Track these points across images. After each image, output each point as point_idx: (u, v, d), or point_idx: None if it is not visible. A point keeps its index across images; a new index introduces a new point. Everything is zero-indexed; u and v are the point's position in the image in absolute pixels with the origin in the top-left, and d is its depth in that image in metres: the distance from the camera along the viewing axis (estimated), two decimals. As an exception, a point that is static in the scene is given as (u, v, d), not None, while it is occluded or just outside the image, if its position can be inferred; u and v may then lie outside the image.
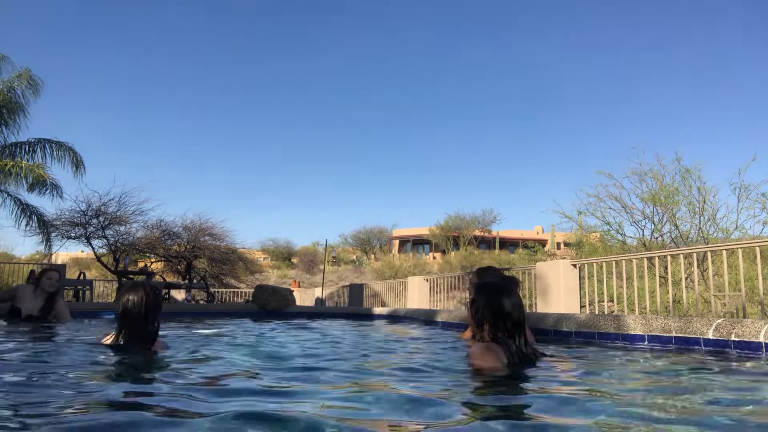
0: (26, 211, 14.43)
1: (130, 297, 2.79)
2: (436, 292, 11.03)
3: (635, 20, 51.44)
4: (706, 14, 46.70)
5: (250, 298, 10.86)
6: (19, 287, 5.48)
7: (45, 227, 14.36)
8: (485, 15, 56.73)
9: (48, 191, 14.09)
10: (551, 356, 2.75)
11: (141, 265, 17.25)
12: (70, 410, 1.57)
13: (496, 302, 2.51)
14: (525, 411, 1.72)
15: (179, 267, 16.80)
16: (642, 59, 54.52)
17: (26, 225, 14.44)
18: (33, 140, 14.35)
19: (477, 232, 38.37)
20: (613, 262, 6.68)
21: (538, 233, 43.22)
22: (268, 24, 59.81)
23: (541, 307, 7.15)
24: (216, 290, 18.07)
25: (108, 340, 2.92)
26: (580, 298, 7.12)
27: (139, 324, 2.78)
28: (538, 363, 2.50)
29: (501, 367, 2.36)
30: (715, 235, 11.37)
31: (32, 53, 52.92)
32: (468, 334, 2.80)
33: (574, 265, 7.12)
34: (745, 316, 5.14)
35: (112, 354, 2.77)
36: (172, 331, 4.70)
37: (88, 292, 12.74)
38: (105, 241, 14.28)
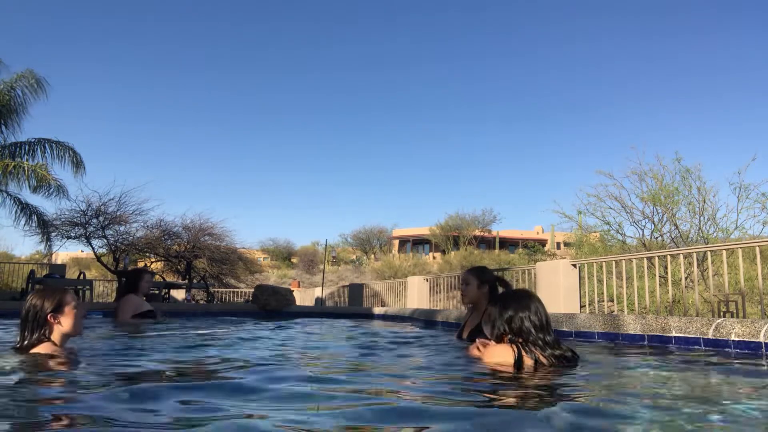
0: (26, 210, 14.36)
1: (32, 301, 2.73)
2: (436, 292, 11.03)
3: (636, 20, 51.48)
4: (706, 14, 46.72)
5: (250, 298, 10.84)
6: (130, 297, 5.80)
7: (45, 227, 14.31)
8: (486, 15, 56.75)
9: (54, 193, 13.95)
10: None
11: (141, 264, 17.24)
12: None
13: (513, 313, 2.50)
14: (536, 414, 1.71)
15: (179, 267, 16.80)
16: (642, 59, 54.56)
17: (25, 224, 14.38)
18: (33, 140, 14.30)
19: (477, 232, 38.36)
20: (613, 262, 6.67)
21: (538, 233, 43.18)
22: (269, 25, 59.82)
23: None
24: (216, 290, 18.06)
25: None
26: (580, 298, 7.12)
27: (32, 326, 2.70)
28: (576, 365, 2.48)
29: (510, 366, 2.35)
30: (715, 235, 11.38)
31: (32, 53, 52.97)
32: (474, 351, 2.74)
33: (574, 265, 7.11)
34: (745, 316, 5.14)
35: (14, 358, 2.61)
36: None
37: (88, 292, 12.72)
38: (105, 240, 14.26)
